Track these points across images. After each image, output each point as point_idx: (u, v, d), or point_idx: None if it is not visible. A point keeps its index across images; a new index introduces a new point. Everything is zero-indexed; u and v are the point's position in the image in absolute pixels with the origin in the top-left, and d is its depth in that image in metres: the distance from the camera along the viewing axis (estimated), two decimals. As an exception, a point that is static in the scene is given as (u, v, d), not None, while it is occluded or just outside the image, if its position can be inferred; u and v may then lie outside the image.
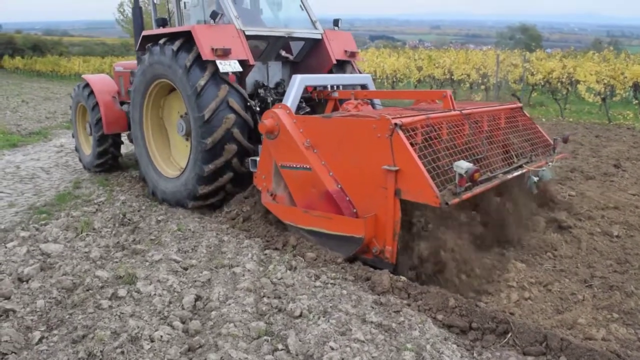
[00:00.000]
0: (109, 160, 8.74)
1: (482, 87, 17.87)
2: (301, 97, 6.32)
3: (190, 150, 6.28)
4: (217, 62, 5.79)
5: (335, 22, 7.63)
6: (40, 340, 3.46)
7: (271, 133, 5.16)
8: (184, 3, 7.22)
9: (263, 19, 7.69)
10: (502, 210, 5.11)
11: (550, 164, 5.24)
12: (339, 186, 4.73)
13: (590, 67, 14.96)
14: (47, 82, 37.26)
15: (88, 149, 9.06)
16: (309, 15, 7.33)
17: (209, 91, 5.84)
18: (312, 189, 4.86)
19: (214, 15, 6.08)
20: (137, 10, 8.05)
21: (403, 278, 4.18)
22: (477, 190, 4.27)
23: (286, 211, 5.22)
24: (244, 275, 4.28)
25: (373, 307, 3.77)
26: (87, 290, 4.13)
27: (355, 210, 4.63)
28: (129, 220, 6.14)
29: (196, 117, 5.90)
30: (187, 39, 6.03)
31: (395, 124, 4.18)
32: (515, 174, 4.90)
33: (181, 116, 6.63)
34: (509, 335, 3.43)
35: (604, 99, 14.82)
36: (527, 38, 55.81)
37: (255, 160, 5.72)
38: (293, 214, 5.12)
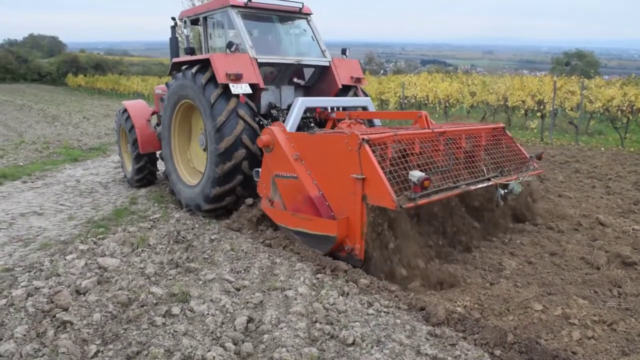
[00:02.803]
0: (146, 174, 9.49)
1: (538, 114, 17.38)
2: (311, 118, 7.40)
3: (207, 159, 6.98)
4: (230, 85, 6.61)
5: (343, 51, 8.45)
6: (95, 354, 3.52)
7: (267, 147, 5.93)
8: (209, 34, 8.17)
9: (280, 47, 8.32)
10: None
11: (521, 178, 5.80)
12: (320, 192, 5.41)
13: (653, 96, 14.39)
14: (107, 100, 38.80)
15: (130, 166, 9.72)
16: (319, 45, 8.18)
17: (221, 103, 6.64)
18: (299, 195, 5.56)
19: (229, 45, 6.99)
20: (173, 40, 8.86)
21: (459, 309, 4.06)
22: (435, 197, 4.79)
23: (279, 214, 5.93)
24: (296, 299, 4.25)
25: (428, 339, 3.67)
26: (142, 306, 4.20)
27: (332, 214, 5.23)
28: (183, 238, 6.23)
29: (210, 127, 6.65)
30: (205, 65, 6.95)
31: (363, 139, 4.80)
32: (480, 185, 5.43)
33: (201, 132, 7.36)
34: (572, 376, 3.27)
35: (667, 129, 14.21)
36: (584, 65, 54.21)
37: (258, 171, 6.36)
38: (284, 216, 5.84)
